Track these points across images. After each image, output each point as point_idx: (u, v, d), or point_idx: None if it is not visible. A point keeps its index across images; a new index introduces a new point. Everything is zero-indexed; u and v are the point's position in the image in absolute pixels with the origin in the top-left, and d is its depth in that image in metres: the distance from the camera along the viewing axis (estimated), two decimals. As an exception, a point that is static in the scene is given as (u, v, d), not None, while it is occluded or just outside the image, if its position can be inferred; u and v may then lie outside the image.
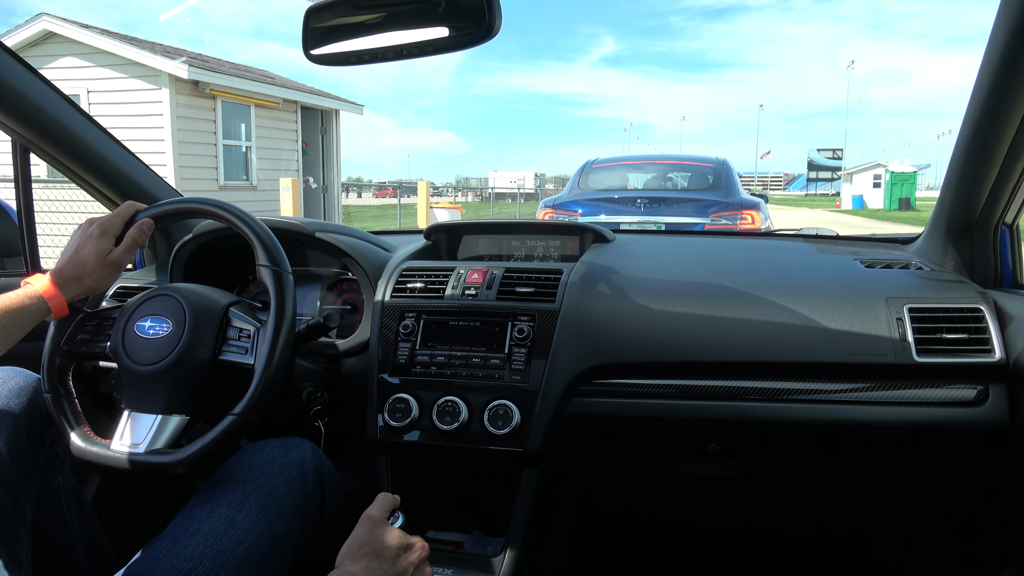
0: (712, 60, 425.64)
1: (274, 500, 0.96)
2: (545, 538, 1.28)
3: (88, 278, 1.04)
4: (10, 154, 1.46)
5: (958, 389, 1.16)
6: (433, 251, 1.63)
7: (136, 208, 1.10)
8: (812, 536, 1.65)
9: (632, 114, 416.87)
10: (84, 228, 1.06)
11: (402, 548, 0.84)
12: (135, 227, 1.07)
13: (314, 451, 1.06)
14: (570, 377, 1.22)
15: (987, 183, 1.18)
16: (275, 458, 1.01)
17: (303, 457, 1.03)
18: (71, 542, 1.08)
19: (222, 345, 1.04)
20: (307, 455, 1.04)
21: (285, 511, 0.96)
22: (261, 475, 0.98)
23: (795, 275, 1.37)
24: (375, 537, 0.83)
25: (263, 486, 0.96)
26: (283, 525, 0.95)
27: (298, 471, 1.01)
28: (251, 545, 0.90)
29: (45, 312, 1.02)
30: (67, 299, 1.04)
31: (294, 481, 0.99)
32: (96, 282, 1.05)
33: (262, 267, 1.05)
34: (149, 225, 1.09)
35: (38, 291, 1.01)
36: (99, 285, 1.06)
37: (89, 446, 1.01)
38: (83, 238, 1.04)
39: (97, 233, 1.04)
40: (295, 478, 1.00)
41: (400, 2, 0.98)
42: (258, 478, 0.97)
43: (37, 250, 1.54)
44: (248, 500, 0.94)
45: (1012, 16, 0.93)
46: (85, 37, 9.26)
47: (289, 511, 0.96)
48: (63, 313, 1.04)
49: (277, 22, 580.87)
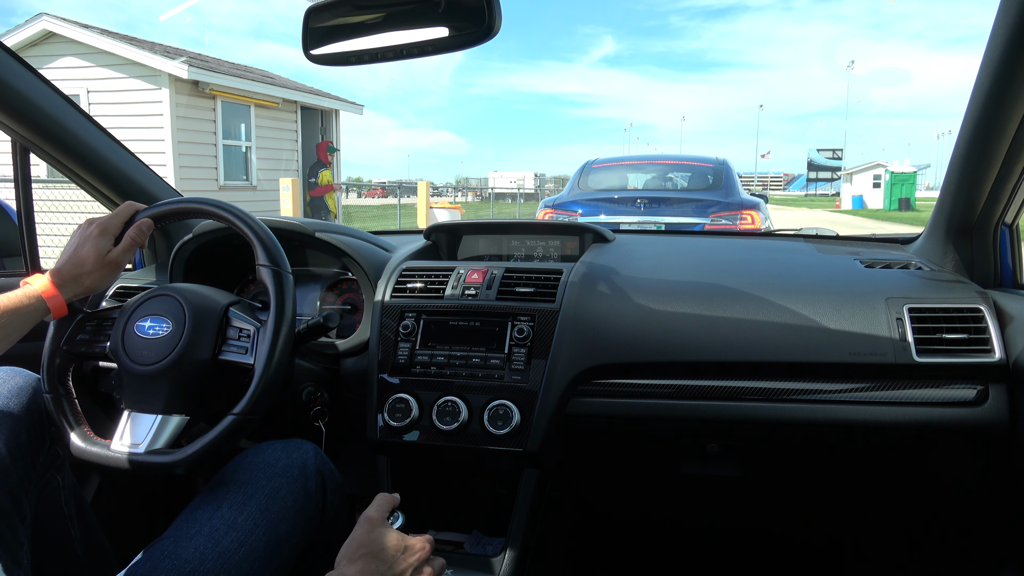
0: (712, 60, 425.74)
1: (276, 502, 0.95)
2: (545, 538, 1.28)
3: (87, 278, 1.04)
4: (10, 154, 1.46)
5: (958, 389, 1.16)
6: (433, 251, 1.63)
7: (135, 208, 1.10)
8: (812, 536, 1.65)
9: (632, 114, 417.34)
10: (83, 228, 1.06)
11: (400, 549, 0.84)
12: (134, 227, 1.07)
13: (316, 452, 1.06)
14: (570, 377, 1.22)
15: (987, 183, 1.18)
16: (277, 460, 1.01)
17: (305, 459, 1.03)
18: (71, 542, 1.08)
19: (222, 345, 1.04)
20: (309, 457, 1.04)
21: (287, 513, 0.96)
22: (263, 477, 0.98)
23: (795, 275, 1.37)
24: (373, 538, 0.83)
25: (265, 488, 0.96)
26: (285, 527, 0.95)
27: (300, 473, 1.01)
28: (252, 547, 0.90)
29: (44, 312, 1.02)
30: (66, 299, 1.04)
31: (296, 483, 0.99)
32: (95, 282, 1.05)
33: (262, 267, 1.05)
34: (148, 225, 1.08)
35: (37, 291, 1.01)
36: (98, 285, 1.06)
37: (89, 446, 1.01)
38: (82, 238, 1.05)
39: (96, 233, 1.04)
40: (297, 480, 1.00)
41: (400, 2, 0.98)
42: (260, 480, 0.97)
43: (37, 250, 1.53)
44: (250, 502, 0.94)
45: (1012, 16, 0.93)
46: (85, 37, 9.27)
47: (291, 513, 0.96)
48: (62, 313, 1.04)
49: (277, 22, 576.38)
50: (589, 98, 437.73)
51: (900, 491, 1.43)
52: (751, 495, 1.54)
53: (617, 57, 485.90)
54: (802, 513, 1.58)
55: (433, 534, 1.30)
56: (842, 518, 1.56)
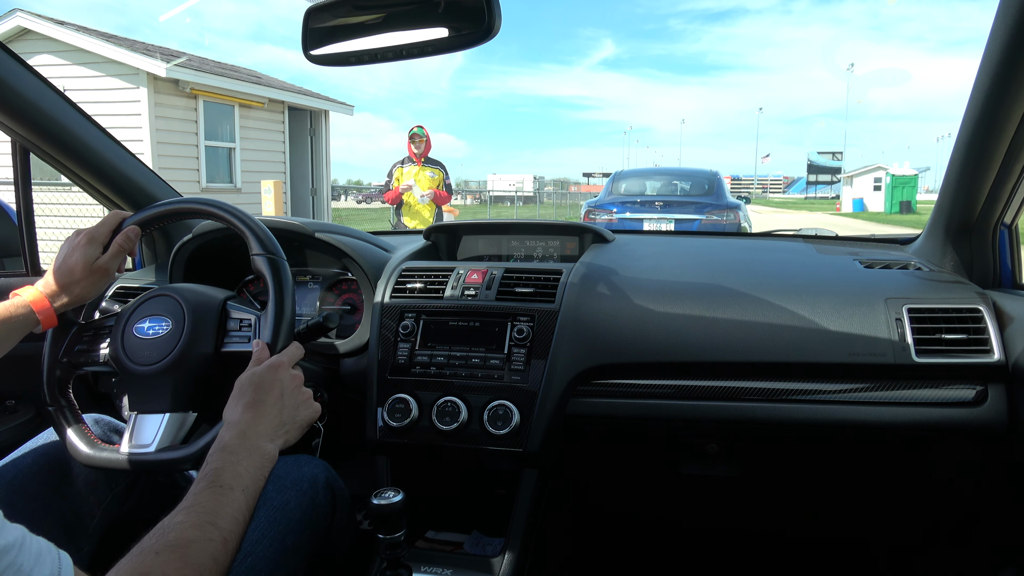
0: (711, 63, 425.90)
1: (284, 514, 0.95)
2: (544, 538, 1.28)
3: (76, 286, 1.04)
4: (10, 155, 1.46)
5: (957, 389, 1.16)
6: (433, 251, 1.63)
7: (122, 216, 1.10)
8: (811, 536, 1.65)
9: (632, 117, 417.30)
10: (72, 238, 1.06)
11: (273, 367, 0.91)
12: (121, 234, 1.08)
13: (326, 468, 1.06)
14: (569, 377, 1.22)
15: (986, 184, 1.18)
16: (287, 473, 1.00)
17: (316, 473, 1.03)
18: None
19: (223, 338, 1.04)
20: (320, 471, 1.04)
21: (294, 525, 0.95)
22: (272, 490, 0.97)
23: (794, 276, 1.37)
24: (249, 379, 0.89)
25: (274, 500, 0.96)
26: (292, 538, 0.94)
27: (310, 486, 1.00)
28: (259, 557, 0.89)
29: (33, 323, 1.01)
30: (57, 309, 1.03)
31: (305, 496, 0.99)
32: (85, 289, 1.05)
33: (256, 256, 1.05)
34: (135, 231, 1.09)
35: (26, 301, 1.00)
36: (88, 293, 1.06)
37: (97, 452, 1.00)
38: (71, 248, 1.05)
39: (84, 242, 1.05)
40: (306, 492, 0.99)
41: (400, 2, 0.98)
42: (269, 492, 0.96)
43: (37, 251, 1.54)
44: (258, 513, 0.93)
45: (1011, 17, 0.94)
46: (61, 34, 8.87)
47: (299, 525, 0.96)
48: (52, 324, 1.04)
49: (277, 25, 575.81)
50: (589, 101, 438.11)
51: (899, 491, 1.43)
52: (750, 495, 1.54)
53: (617, 60, 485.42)
54: (802, 513, 1.58)
55: (433, 534, 1.30)
56: (841, 518, 1.56)
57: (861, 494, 1.49)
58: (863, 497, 1.49)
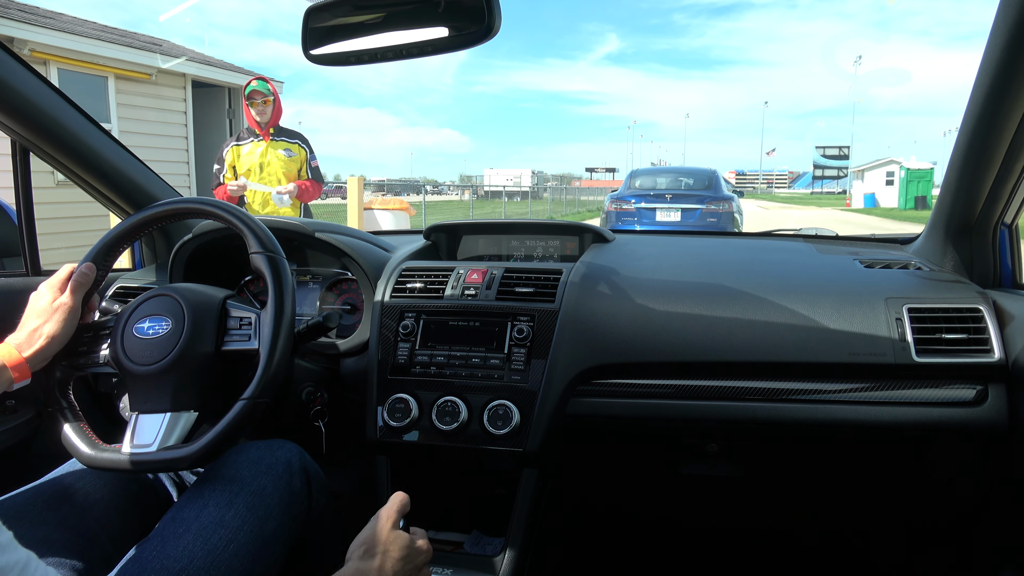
0: (716, 58, 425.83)
1: (262, 499, 0.96)
2: (544, 538, 1.28)
3: (45, 327, 1.02)
4: (10, 155, 1.46)
5: (957, 389, 1.16)
6: (433, 251, 1.63)
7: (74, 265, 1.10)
8: (811, 536, 1.65)
9: (636, 112, 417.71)
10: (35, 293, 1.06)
11: (410, 549, 0.87)
12: (76, 272, 1.07)
13: (300, 452, 1.07)
14: (569, 377, 1.22)
15: (986, 183, 1.18)
16: (261, 457, 1.01)
17: (289, 457, 1.04)
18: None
19: (223, 336, 1.04)
20: (293, 455, 1.04)
21: (274, 510, 0.96)
22: (248, 474, 0.98)
23: (795, 275, 1.37)
24: (388, 535, 0.86)
25: (251, 485, 0.96)
26: (272, 524, 0.95)
27: (285, 470, 1.01)
28: (241, 544, 0.90)
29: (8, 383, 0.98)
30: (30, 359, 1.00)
31: (281, 480, 1.00)
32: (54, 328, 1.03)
33: (255, 254, 1.05)
34: (89, 267, 1.08)
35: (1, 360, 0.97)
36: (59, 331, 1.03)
37: (99, 453, 0.99)
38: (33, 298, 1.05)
39: (44, 290, 1.05)
40: (282, 477, 1.00)
41: (400, 2, 0.98)
42: (245, 477, 0.97)
43: (37, 251, 1.53)
44: (237, 499, 0.94)
45: (1012, 15, 0.93)
46: None
47: (278, 510, 0.97)
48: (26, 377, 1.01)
49: (281, 20, 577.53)
50: (593, 96, 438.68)
51: (899, 491, 1.43)
52: (751, 495, 1.54)
53: (621, 55, 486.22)
54: (802, 513, 1.58)
55: (433, 534, 1.30)
56: (842, 518, 1.56)
57: (861, 494, 1.49)
58: (863, 497, 1.49)
